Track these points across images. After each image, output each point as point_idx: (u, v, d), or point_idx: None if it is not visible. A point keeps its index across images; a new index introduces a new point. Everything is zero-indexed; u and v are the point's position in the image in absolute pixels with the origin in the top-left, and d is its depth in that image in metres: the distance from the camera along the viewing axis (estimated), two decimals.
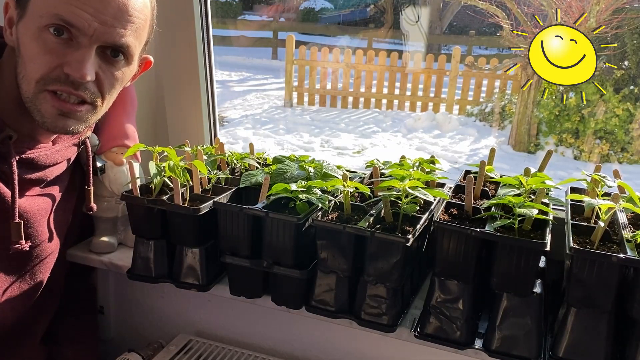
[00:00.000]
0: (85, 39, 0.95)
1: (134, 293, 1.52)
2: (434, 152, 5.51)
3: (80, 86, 0.97)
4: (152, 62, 1.16)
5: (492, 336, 1.01)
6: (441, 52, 7.95)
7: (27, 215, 1.09)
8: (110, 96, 1.04)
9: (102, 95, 1.02)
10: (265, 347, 1.41)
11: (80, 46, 0.95)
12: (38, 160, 1.09)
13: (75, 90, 0.97)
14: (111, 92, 1.04)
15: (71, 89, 0.97)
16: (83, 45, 0.95)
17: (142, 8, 1.01)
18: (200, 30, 1.51)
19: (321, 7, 9.87)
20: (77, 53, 0.95)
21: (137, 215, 1.20)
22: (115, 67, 1.01)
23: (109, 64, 1.00)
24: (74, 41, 0.95)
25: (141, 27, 1.02)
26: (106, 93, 1.02)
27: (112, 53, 1.00)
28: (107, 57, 0.99)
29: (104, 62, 0.99)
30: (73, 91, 0.97)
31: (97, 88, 1.00)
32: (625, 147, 4.95)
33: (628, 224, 1.04)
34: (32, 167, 1.09)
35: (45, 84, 0.96)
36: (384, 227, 1.05)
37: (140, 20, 1.00)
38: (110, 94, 1.03)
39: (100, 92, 1.01)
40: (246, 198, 1.22)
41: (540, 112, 5.32)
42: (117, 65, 1.01)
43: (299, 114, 6.91)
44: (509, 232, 0.98)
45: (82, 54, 0.95)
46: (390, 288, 1.05)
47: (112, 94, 1.04)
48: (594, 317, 0.95)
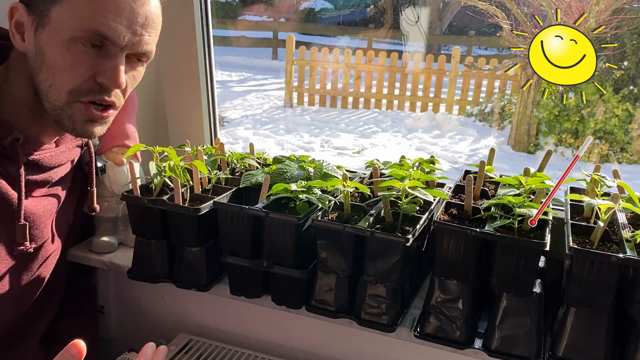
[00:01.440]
0: (117, 49, 0.96)
1: (134, 293, 1.52)
2: (433, 152, 5.51)
3: (112, 93, 1.00)
4: None
5: (492, 336, 1.01)
6: (441, 52, 7.96)
7: (32, 217, 1.10)
8: (127, 96, 1.07)
9: (124, 97, 1.05)
10: (265, 347, 1.41)
11: (112, 56, 0.96)
12: (43, 162, 1.09)
13: (108, 98, 1.00)
14: (129, 93, 1.06)
15: (104, 97, 0.99)
16: (114, 54, 0.97)
17: (159, 13, 1.03)
18: (200, 31, 1.51)
19: (321, 7, 9.88)
20: (111, 62, 0.96)
21: (137, 215, 1.20)
22: (137, 71, 1.04)
23: (132, 68, 1.02)
24: (103, 49, 0.96)
25: (159, 32, 1.05)
26: (127, 94, 1.05)
27: (136, 58, 1.02)
28: (132, 61, 1.02)
29: (129, 67, 1.01)
30: (106, 99, 1.00)
31: (122, 92, 1.03)
32: (625, 147, 4.96)
33: (627, 223, 1.04)
34: (38, 168, 1.10)
35: (79, 95, 0.98)
36: (383, 227, 1.05)
37: (159, 25, 1.03)
38: (128, 94, 1.07)
39: (123, 95, 1.04)
40: (246, 198, 1.22)
41: (539, 112, 5.33)
42: (138, 69, 1.04)
43: (299, 114, 6.91)
44: (508, 232, 0.98)
45: (116, 63, 0.97)
46: (390, 288, 1.05)
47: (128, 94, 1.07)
48: (594, 317, 0.95)
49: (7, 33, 1.02)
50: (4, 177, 1.04)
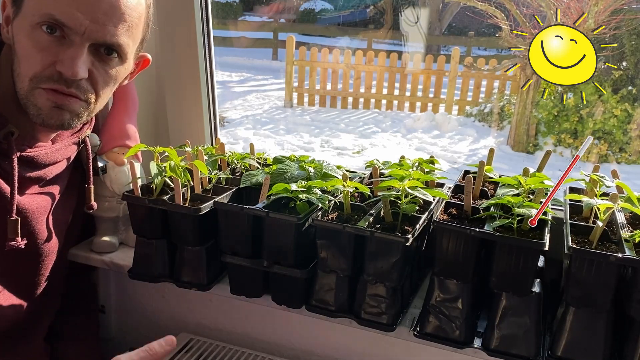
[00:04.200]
0: (78, 37, 0.95)
1: (135, 292, 1.52)
2: (433, 152, 5.52)
3: (73, 84, 0.97)
4: (150, 61, 1.16)
5: (491, 335, 1.02)
6: (440, 52, 7.96)
7: (26, 213, 1.09)
8: (104, 94, 1.04)
9: (95, 92, 1.02)
10: (265, 346, 1.42)
11: (72, 44, 0.95)
12: (38, 159, 1.09)
13: (67, 89, 0.97)
14: (105, 89, 1.03)
15: (64, 87, 0.97)
16: (75, 43, 0.95)
17: (135, 6, 1.00)
18: (201, 31, 1.52)
19: (321, 8, 9.88)
20: (69, 51, 0.95)
21: (138, 215, 1.21)
22: (109, 65, 1.01)
23: (103, 62, 1.00)
24: (66, 39, 0.95)
25: (134, 25, 1.01)
26: (100, 90, 1.02)
27: (106, 51, 0.99)
28: (101, 55, 0.99)
29: (98, 60, 0.99)
30: (65, 89, 0.97)
31: (91, 86, 1.00)
32: (624, 148, 4.96)
33: (626, 223, 1.04)
34: (32, 165, 1.09)
35: (39, 82, 0.96)
36: (383, 226, 1.06)
37: (133, 18, 1.00)
38: (104, 91, 1.03)
39: (94, 90, 1.01)
40: (247, 198, 1.22)
41: (539, 112, 5.33)
42: (110, 64, 1.01)
43: (299, 114, 6.92)
44: (507, 232, 0.99)
45: (74, 52, 0.95)
46: (390, 287, 1.05)
47: (106, 92, 1.04)
48: (593, 316, 0.95)
49: None
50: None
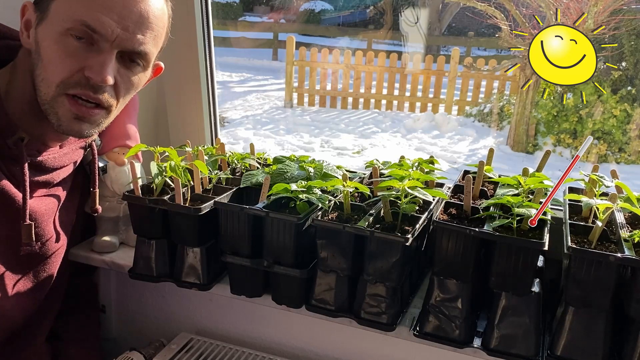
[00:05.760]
0: (107, 44, 0.96)
1: (135, 292, 1.52)
2: (433, 153, 5.51)
3: (99, 90, 0.99)
4: (162, 68, 1.17)
5: (491, 335, 1.02)
6: (440, 53, 7.96)
7: (36, 216, 1.10)
8: (123, 101, 1.06)
9: (117, 99, 1.03)
10: (265, 346, 1.42)
11: (101, 51, 0.96)
12: (46, 164, 1.10)
13: (94, 94, 0.99)
14: (125, 97, 1.05)
15: (90, 92, 0.98)
16: (104, 50, 0.97)
17: (161, 15, 1.03)
18: (201, 32, 1.52)
19: (321, 8, 9.88)
20: (99, 57, 0.96)
21: (138, 215, 1.21)
22: (133, 73, 1.03)
23: (127, 69, 1.02)
24: (94, 45, 0.96)
25: (159, 35, 1.04)
26: (121, 97, 1.04)
27: (130, 59, 1.01)
28: (126, 62, 1.01)
29: (122, 67, 1.01)
30: (92, 95, 0.99)
31: (115, 92, 1.02)
32: (623, 148, 4.97)
33: (625, 223, 1.04)
34: (41, 169, 1.10)
35: (66, 88, 0.98)
36: (383, 226, 1.06)
37: (159, 27, 1.02)
38: (124, 98, 1.05)
39: (116, 97, 1.03)
40: (247, 198, 1.23)
41: (538, 112, 5.33)
42: (134, 71, 1.03)
43: (299, 114, 6.92)
44: (507, 232, 0.99)
45: (104, 58, 0.96)
46: (390, 287, 1.06)
47: (125, 99, 1.06)
48: (592, 316, 0.96)
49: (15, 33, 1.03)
50: (8, 178, 1.04)
